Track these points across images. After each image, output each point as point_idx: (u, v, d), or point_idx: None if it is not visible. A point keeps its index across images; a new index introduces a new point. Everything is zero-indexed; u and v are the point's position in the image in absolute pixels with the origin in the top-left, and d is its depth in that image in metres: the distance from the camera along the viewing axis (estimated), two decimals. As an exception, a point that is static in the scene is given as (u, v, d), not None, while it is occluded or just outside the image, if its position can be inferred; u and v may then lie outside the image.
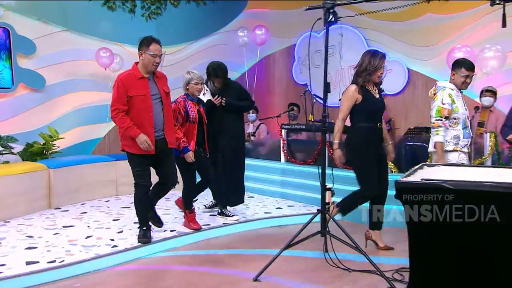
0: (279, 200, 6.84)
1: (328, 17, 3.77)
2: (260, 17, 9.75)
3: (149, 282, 3.86)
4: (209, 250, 4.72)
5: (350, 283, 3.77)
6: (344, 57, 9.36)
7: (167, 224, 5.35)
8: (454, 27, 7.87)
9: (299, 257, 4.34)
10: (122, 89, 4.27)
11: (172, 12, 8.99)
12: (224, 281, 3.83)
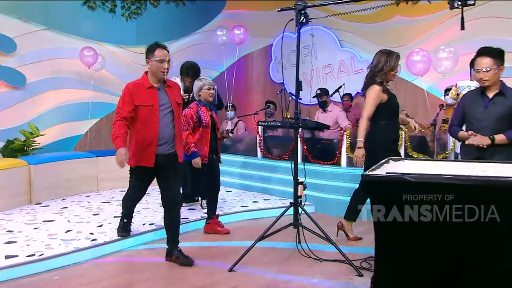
0: (256, 194, 6.88)
1: (299, 18, 3.81)
2: (238, 18, 9.76)
3: (127, 274, 3.85)
4: (186, 243, 4.69)
5: (320, 272, 3.82)
6: (319, 57, 9.45)
7: (146, 218, 5.34)
8: (422, 28, 8.00)
9: (273, 248, 4.37)
10: (128, 97, 3.93)
11: (152, 12, 8.94)
12: (200, 272, 3.84)
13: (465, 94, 4.05)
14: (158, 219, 5.26)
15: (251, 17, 9.77)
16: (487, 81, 3.67)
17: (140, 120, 3.94)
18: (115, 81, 8.40)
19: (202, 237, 4.91)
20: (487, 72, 3.65)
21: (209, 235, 5.00)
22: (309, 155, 6.63)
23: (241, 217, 5.70)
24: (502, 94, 3.71)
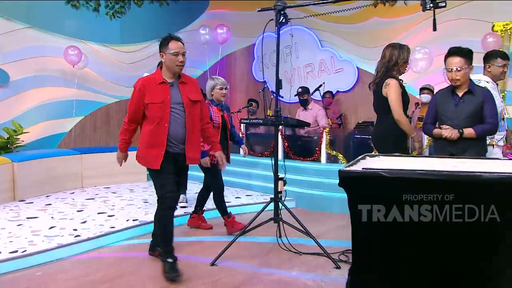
0: (238, 190, 6.88)
1: (279, 18, 3.81)
2: (221, 18, 9.73)
3: (110, 269, 3.80)
4: (170, 238, 4.71)
5: (300, 265, 3.84)
6: (300, 56, 9.49)
7: (129, 214, 5.30)
8: (399, 29, 8.08)
9: (254, 242, 4.38)
10: (138, 95, 3.57)
11: (136, 11, 8.86)
12: (182, 266, 3.79)
13: (437, 93, 4.06)
14: (141, 215, 5.24)
15: (234, 17, 9.75)
16: (458, 80, 3.69)
17: (149, 118, 3.60)
18: (98, 79, 8.33)
19: (184, 232, 4.88)
20: (458, 71, 3.66)
21: (192, 230, 4.98)
22: (290, 152, 6.66)
23: (224, 212, 5.70)
24: (471, 92, 3.74)
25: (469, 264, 2.82)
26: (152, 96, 3.56)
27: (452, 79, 3.72)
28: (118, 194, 6.55)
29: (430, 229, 2.90)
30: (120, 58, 8.70)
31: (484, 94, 3.76)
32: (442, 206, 2.85)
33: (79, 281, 3.54)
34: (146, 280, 3.55)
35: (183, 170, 4.00)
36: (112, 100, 8.60)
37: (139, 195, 6.47)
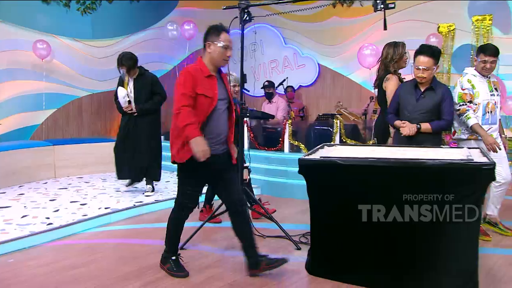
0: (207, 179, 6.87)
1: (243, 16, 3.81)
2: (190, 15, 9.60)
3: (82, 255, 3.75)
4: (141, 224, 4.67)
5: (264, 247, 3.85)
6: (265, 52, 9.51)
7: (102, 202, 5.22)
8: (356, 29, 8.21)
9: (221, 227, 4.40)
10: (190, 83, 3.06)
11: (107, 7, 8.63)
12: (152, 251, 3.80)
13: (401, 85, 4.04)
14: (113, 203, 5.17)
15: (202, 15, 9.64)
16: (424, 78, 3.71)
17: (196, 113, 3.07)
18: (70, 73, 8.11)
19: (155, 219, 4.84)
20: (426, 70, 3.68)
21: (163, 216, 4.93)
22: (255, 142, 6.70)
23: (193, 200, 5.68)
24: (432, 89, 3.78)
25: (414, 237, 2.94)
26: (204, 88, 3.08)
27: (419, 76, 3.74)
28: (91, 183, 6.44)
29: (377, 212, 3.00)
30: (91, 52, 8.48)
31: (444, 92, 3.80)
32: (389, 189, 2.96)
33: (51, 267, 3.48)
34: (116, 266, 3.52)
35: (229, 171, 3.35)
36: (84, 93, 8.38)
37: (111, 184, 6.38)
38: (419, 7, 7.49)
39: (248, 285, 3.12)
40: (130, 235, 4.31)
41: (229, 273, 3.33)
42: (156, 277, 3.27)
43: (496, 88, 4.09)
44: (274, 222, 4.00)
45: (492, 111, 4.01)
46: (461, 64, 7.14)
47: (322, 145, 3.79)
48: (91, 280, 3.22)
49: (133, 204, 5.13)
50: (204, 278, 3.24)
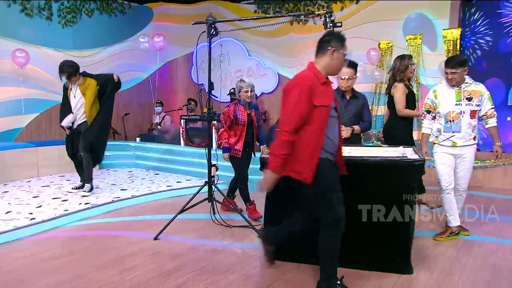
0: (180, 176, 6.77)
1: (210, 31, 3.79)
2: (163, 29, 9.45)
3: (63, 246, 3.64)
4: (119, 218, 4.56)
5: (230, 236, 3.88)
6: (231, 63, 9.49)
7: (82, 198, 5.07)
8: (310, 43, 8.25)
9: (192, 219, 4.35)
10: (308, 94, 2.53)
11: (87, 20, 8.39)
12: (130, 242, 3.74)
13: None
14: (93, 199, 5.03)
15: (174, 29, 9.53)
16: (348, 87, 3.88)
17: (314, 125, 2.56)
18: (52, 80, 7.83)
19: (132, 213, 4.76)
20: (349, 80, 3.85)
21: (140, 210, 4.84)
22: (222, 143, 6.66)
23: (167, 195, 5.57)
24: (356, 97, 3.97)
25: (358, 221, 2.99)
26: (321, 98, 2.58)
27: (343, 85, 3.88)
28: (72, 181, 6.21)
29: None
30: (73, 62, 8.23)
31: (364, 99, 4.03)
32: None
33: (34, 258, 3.37)
34: (95, 255, 3.43)
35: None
36: (65, 99, 8.13)
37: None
38: (363, 26, 7.67)
39: (216, 269, 3.11)
40: (108, 227, 4.21)
41: (199, 260, 3.31)
42: (132, 264, 3.21)
43: (469, 98, 3.65)
44: (239, 214, 4.00)
45: (455, 120, 3.66)
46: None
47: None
48: (72, 269, 3.13)
49: (111, 200, 5.01)
50: (177, 264, 3.21)
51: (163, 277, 2.98)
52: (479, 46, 6.90)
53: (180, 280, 2.93)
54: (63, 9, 7.92)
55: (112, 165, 7.59)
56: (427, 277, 2.97)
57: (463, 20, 6.96)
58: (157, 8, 9.56)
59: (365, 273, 2.98)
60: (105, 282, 2.91)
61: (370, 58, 7.33)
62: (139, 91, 9.36)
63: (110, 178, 6.48)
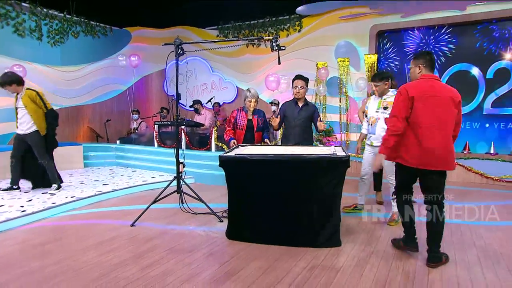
0: (154, 172, 6.60)
1: (178, 51, 3.72)
2: (141, 49, 9.19)
3: (50, 234, 3.44)
4: (100, 208, 4.37)
5: (195, 221, 3.82)
6: (198, 78, 9.38)
7: (68, 192, 4.82)
8: (263, 63, 8.40)
9: (163, 208, 4.26)
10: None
11: (74, 41, 7.99)
12: (109, 228, 3.59)
13: (285, 103, 4.17)
14: (78, 193, 4.79)
15: (150, 49, 9.28)
16: (300, 94, 3.96)
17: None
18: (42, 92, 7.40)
19: (112, 204, 4.57)
20: (301, 89, 3.95)
21: (118, 202, 4.66)
22: (190, 144, 6.58)
23: (142, 188, 5.41)
24: (307, 104, 4.04)
25: (299, 206, 3.05)
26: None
27: (297, 93, 3.96)
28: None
29: (273, 191, 3.08)
30: (61, 76, 7.80)
31: (314, 106, 4.09)
32: (281, 175, 3.05)
33: (24, 244, 3.16)
34: (79, 241, 3.27)
35: None
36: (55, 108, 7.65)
37: (77, 178, 5.90)
38: (305, 49, 7.87)
39: (183, 249, 3.05)
40: (91, 217, 4.02)
41: (169, 242, 3.24)
42: (111, 247, 3.08)
43: (386, 107, 3.68)
44: (203, 203, 3.95)
45: (372, 124, 3.80)
46: (332, 89, 7.62)
47: (237, 145, 3.81)
48: (57, 253, 2.96)
49: (94, 193, 4.79)
50: (150, 246, 3.12)
51: (138, 257, 2.89)
52: (390, 68, 7.27)
53: (153, 259, 2.86)
54: (51, 31, 7.50)
55: (96, 164, 7.27)
56: (351, 247, 3.09)
57: (379, 48, 7.31)
58: (135, 31, 9.28)
59: (303, 249, 3.04)
60: (87, 263, 2.78)
61: (320, 75, 7.50)
62: (119, 101, 9.04)
63: (93, 175, 6.20)
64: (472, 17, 6.33)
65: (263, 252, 2.95)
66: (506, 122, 6.33)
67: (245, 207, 3.14)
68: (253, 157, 3.03)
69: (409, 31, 6.99)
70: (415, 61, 2.80)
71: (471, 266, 2.75)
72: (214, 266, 2.72)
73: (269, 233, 3.10)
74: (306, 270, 2.64)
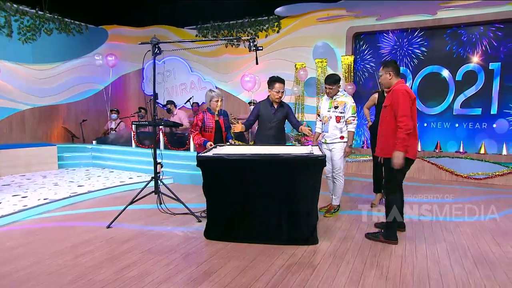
0: (132, 173, 6.48)
1: (155, 50, 3.67)
2: (118, 48, 8.98)
3: (23, 237, 3.32)
4: (76, 210, 4.25)
5: (174, 222, 3.79)
6: (177, 78, 9.26)
7: (41, 194, 4.65)
8: (241, 63, 8.39)
9: (140, 209, 4.19)
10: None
11: (47, 38, 7.72)
12: (86, 230, 3.50)
13: (260, 102, 4.15)
14: (52, 195, 4.64)
15: (128, 48, 9.08)
16: (280, 98, 3.97)
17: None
18: (13, 91, 7.12)
19: (88, 205, 4.45)
20: (282, 93, 3.94)
21: (94, 203, 4.55)
22: (168, 144, 6.49)
23: (120, 189, 5.28)
24: (282, 105, 4.05)
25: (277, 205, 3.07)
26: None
27: (278, 97, 3.95)
28: (32, 180, 5.70)
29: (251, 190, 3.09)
30: (33, 74, 7.52)
31: (288, 107, 4.09)
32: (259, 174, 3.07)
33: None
34: (53, 244, 3.17)
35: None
36: (26, 107, 7.41)
37: (51, 180, 5.71)
38: (283, 50, 7.91)
39: (161, 250, 3.01)
40: (66, 219, 3.90)
41: (147, 243, 3.19)
42: (87, 249, 3.01)
43: (337, 106, 3.86)
44: (181, 203, 3.92)
45: (325, 123, 3.94)
46: (310, 90, 7.71)
47: (215, 145, 3.80)
48: (30, 257, 2.86)
49: (69, 195, 4.65)
50: (127, 247, 3.07)
51: (115, 258, 2.84)
52: (366, 69, 7.43)
53: (130, 260, 2.81)
54: (22, 28, 7.21)
55: (71, 165, 7.05)
56: (328, 245, 3.14)
57: (355, 49, 7.45)
58: (112, 29, 9.05)
59: (281, 247, 3.06)
60: (62, 266, 2.70)
61: (299, 76, 7.55)
62: (96, 101, 8.80)
63: (68, 176, 6.02)
64: (442, 21, 6.56)
65: (241, 251, 2.95)
66: (473, 122, 6.61)
67: (223, 207, 3.14)
68: (231, 157, 3.03)
69: (384, 34, 7.17)
70: (386, 69, 3.21)
71: (441, 259, 2.86)
72: (192, 266, 2.70)
73: (247, 233, 3.11)
74: (284, 269, 2.66)
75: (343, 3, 7.21)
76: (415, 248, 3.10)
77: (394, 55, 7.15)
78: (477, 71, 6.53)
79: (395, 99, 3.03)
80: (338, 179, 3.94)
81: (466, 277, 2.57)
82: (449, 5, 6.47)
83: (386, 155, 3.12)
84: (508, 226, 3.70)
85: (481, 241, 3.28)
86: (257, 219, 3.08)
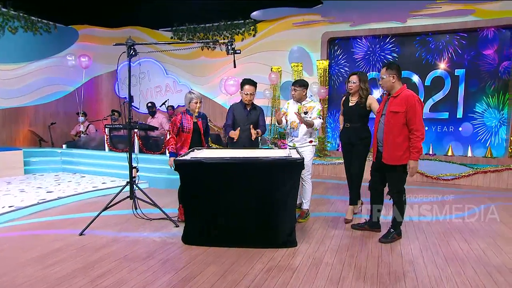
0: (105, 177, 6.27)
1: (130, 52, 3.57)
2: (89, 48, 8.70)
3: (-14, 248, 3.12)
4: (44, 218, 4.04)
5: (150, 227, 3.69)
6: (151, 80, 9.09)
7: (5, 201, 4.40)
8: (218, 66, 8.37)
9: (115, 215, 4.06)
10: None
11: (11, 37, 7.35)
12: (56, 239, 3.34)
13: (233, 105, 4.09)
14: (18, 202, 4.40)
15: (100, 49, 8.82)
16: (250, 100, 3.95)
17: None
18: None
19: (58, 212, 4.26)
20: (252, 95, 3.92)
21: (64, 210, 4.35)
22: (143, 148, 6.34)
23: (93, 194, 5.11)
24: (255, 108, 4.03)
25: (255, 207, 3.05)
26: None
27: (247, 100, 3.94)
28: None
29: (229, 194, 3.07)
30: (-4, 74, 7.13)
31: (260, 110, 4.07)
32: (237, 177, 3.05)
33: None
34: (19, 254, 3.00)
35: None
36: (-11, 109, 7.02)
37: (16, 186, 5.42)
38: (260, 53, 7.97)
39: (137, 257, 2.92)
40: (34, 227, 3.71)
41: (122, 250, 3.08)
42: (57, 259, 2.86)
43: (306, 112, 3.84)
44: (158, 208, 3.83)
45: (295, 128, 3.88)
46: (285, 93, 7.79)
47: (193, 149, 3.75)
48: (-7, 269, 2.69)
49: (36, 202, 4.42)
50: (101, 255, 2.95)
51: (88, 267, 2.72)
52: (341, 74, 7.61)
53: (104, 269, 2.70)
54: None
55: (38, 170, 6.72)
56: (306, 247, 3.17)
57: (330, 54, 7.62)
58: (82, 29, 8.76)
59: (260, 251, 3.05)
60: (30, 278, 2.55)
61: (271, 79, 7.60)
62: (66, 103, 8.46)
63: (36, 182, 5.73)
64: (411, 29, 6.84)
65: (220, 256, 2.92)
66: (441, 125, 6.91)
67: (201, 211, 3.09)
68: (209, 161, 2.99)
69: (358, 39, 7.37)
70: (390, 71, 3.11)
71: (415, 258, 2.95)
72: (170, 273, 2.63)
73: (226, 236, 3.08)
74: (263, 272, 2.65)
75: (318, 9, 7.36)
76: (390, 247, 3.18)
77: (367, 60, 7.36)
78: (444, 77, 6.85)
79: (411, 107, 3.00)
80: (307, 181, 3.93)
81: (439, 274, 2.66)
82: (418, 14, 6.75)
83: (396, 162, 3.11)
84: (475, 225, 3.88)
85: (450, 239, 3.42)
86: (235, 223, 3.06)
